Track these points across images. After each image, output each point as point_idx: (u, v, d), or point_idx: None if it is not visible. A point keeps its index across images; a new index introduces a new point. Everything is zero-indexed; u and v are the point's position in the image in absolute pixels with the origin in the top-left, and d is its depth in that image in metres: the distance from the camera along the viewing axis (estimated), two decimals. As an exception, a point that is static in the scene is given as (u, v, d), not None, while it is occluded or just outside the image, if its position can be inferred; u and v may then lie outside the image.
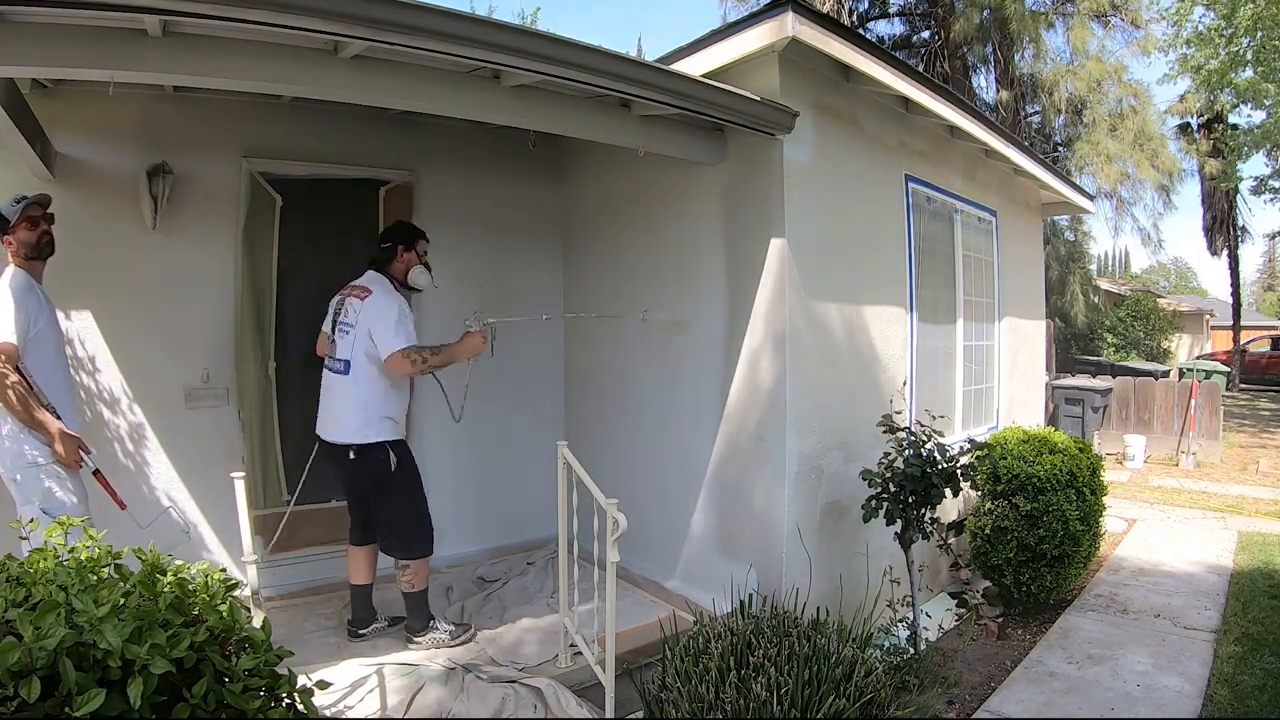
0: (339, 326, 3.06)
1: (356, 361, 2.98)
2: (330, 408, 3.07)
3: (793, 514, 3.26)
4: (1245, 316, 19.78)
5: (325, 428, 3.07)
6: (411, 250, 3.17)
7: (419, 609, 3.08)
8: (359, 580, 3.19)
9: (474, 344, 3.07)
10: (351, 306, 3.03)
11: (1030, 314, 6.12)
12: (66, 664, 1.14)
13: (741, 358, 3.44)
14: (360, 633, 3.16)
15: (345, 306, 3.06)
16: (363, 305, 2.98)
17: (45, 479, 2.43)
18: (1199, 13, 10.33)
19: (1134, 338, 18.01)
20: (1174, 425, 8.84)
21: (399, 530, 3.07)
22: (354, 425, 2.96)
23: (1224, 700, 3.05)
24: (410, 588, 3.05)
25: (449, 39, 2.22)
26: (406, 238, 3.18)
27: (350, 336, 2.99)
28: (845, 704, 2.17)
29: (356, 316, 2.98)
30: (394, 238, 3.18)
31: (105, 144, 3.30)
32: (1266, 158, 14.41)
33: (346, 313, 3.04)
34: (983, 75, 14.53)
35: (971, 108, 4.37)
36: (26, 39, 1.94)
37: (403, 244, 3.16)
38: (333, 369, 3.07)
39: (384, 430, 2.99)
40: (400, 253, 3.15)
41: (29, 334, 2.43)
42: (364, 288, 3.05)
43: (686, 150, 3.38)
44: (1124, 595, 4.31)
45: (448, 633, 3.09)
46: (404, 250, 3.15)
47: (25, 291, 2.46)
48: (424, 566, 3.08)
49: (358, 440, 2.95)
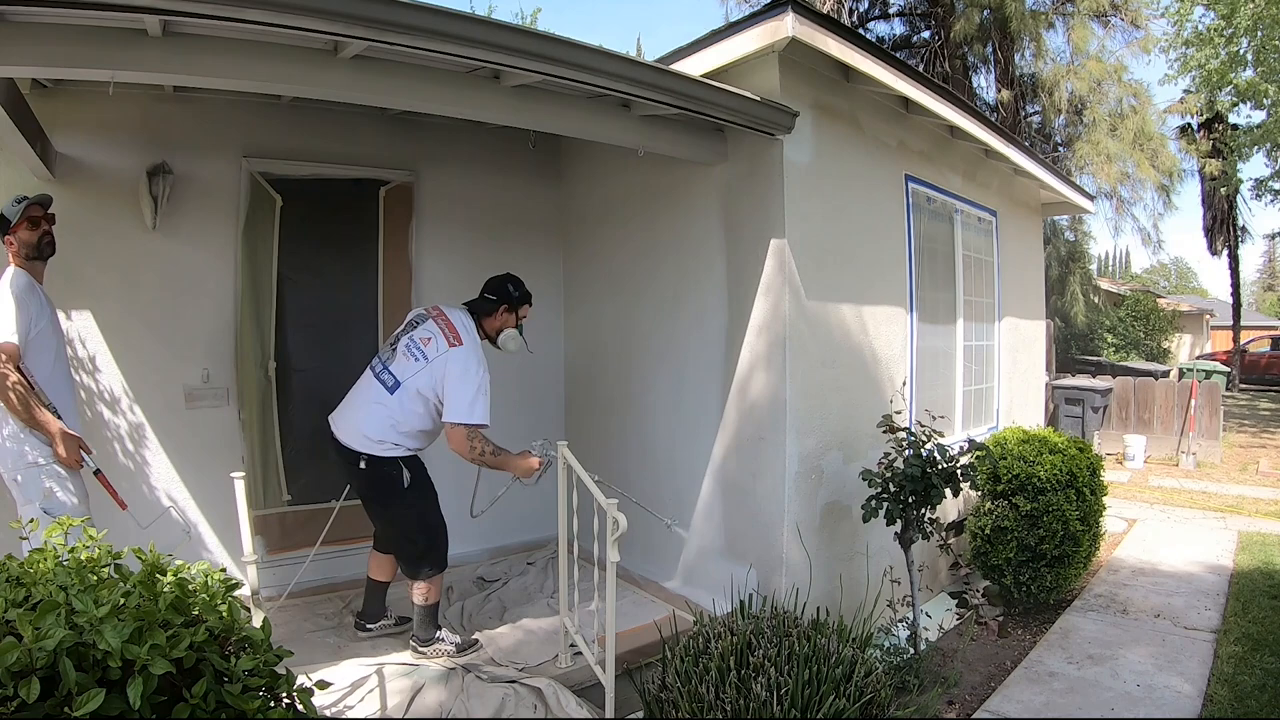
0: (410, 345, 2.88)
1: (408, 391, 2.82)
2: (355, 410, 2.90)
3: (793, 514, 3.26)
4: (1245, 316, 19.80)
5: (342, 426, 2.90)
6: (513, 313, 3.03)
7: (428, 621, 2.98)
8: (377, 576, 3.12)
9: (529, 466, 2.90)
10: (436, 342, 2.84)
11: (1030, 314, 6.12)
12: (66, 664, 1.14)
13: (741, 357, 3.44)
14: (368, 626, 3.10)
15: (429, 335, 2.87)
16: (448, 352, 2.81)
17: (46, 480, 2.43)
18: (1199, 12, 10.33)
19: (1134, 338, 18.02)
20: (1174, 425, 8.84)
21: (405, 549, 2.96)
22: (373, 438, 2.83)
23: (1224, 700, 3.05)
24: (423, 600, 2.95)
25: (449, 39, 2.22)
26: (514, 299, 3.02)
27: (418, 366, 2.83)
28: (845, 704, 2.17)
29: (437, 356, 2.82)
30: (501, 294, 3.01)
31: (105, 144, 3.30)
32: (1266, 158, 14.40)
33: (429, 342, 2.85)
34: (983, 75, 14.54)
35: (971, 108, 4.37)
36: (26, 39, 1.94)
37: (507, 304, 3.01)
38: (379, 376, 2.89)
39: (400, 450, 2.87)
40: (501, 311, 3.01)
41: (30, 334, 2.43)
42: (456, 331, 2.87)
43: (686, 150, 3.38)
44: (1124, 595, 4.31)
45: (454, 645, 2.99)
46: (505, 310, 3.01)
47: (27, 292, 2.46)
48: (437, 581, 2.97)
49: (371, 452, 2.82)
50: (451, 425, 2.77)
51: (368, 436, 2.82)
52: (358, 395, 2.95)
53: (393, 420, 2.83)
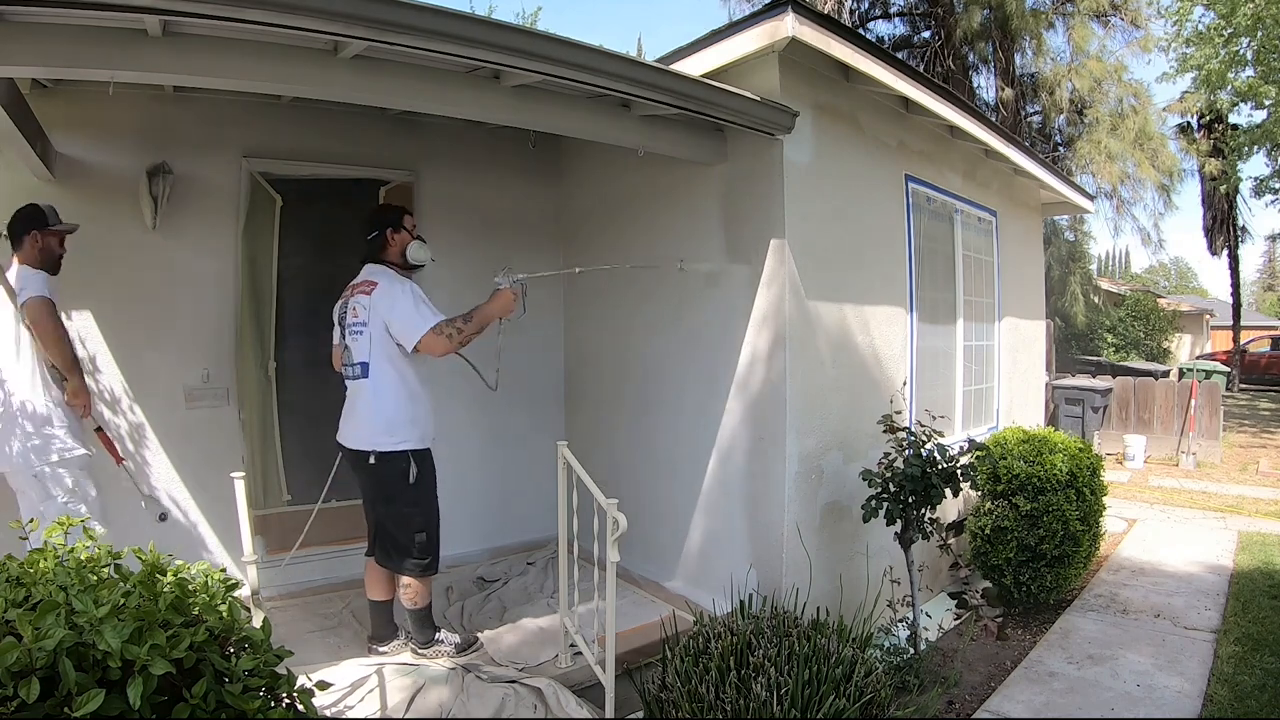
0: (350, 330, 2.88)
1: (376, 363, 2.80)
2: (352, 414, 2.89)
3: (793, 514, 3.26)
4: (1245, 316, 19.78)
5: (346, 434, 2.90)
6: (400, 230, 2.98)
7: (423, 623, 2.94)
8: (377, 596, 3.00)
9: (505, 300, 2.87)
10: (359, 304, 2.85)
11: (1030, 314, 6.12)
12: (66, 664, 1.14)
13: (741, 358, 3.44)
14: (380, 650, 2.98)
15: (352, 307, 2.88)
16: (371, 300, 2.80)
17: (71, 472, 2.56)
18: (1199, 12, 10.33)
19: (1134, 338, 18.03)
20: (1174, 425, 8.84)
21: (406, 547, 2.86)
22: (377, 430, 2.79)
23: (1224, 700, 3.05)
24: (412, 605, 2.89)
25: (449, 39, 2.22)
26: (391, 219, 3.00)
27: (364, 336, 2.81)
28: (845, 704, 2.17)
29: (367, 313, 2.80)
30: (379, 223, 2.98)
31: (105, 144, 3.29)
32: (1266, 158, 14.40)
33: (355, 312, 2.86)
34: (983, 75, 14.53)
35: (971, 107, 4.37)
36: (26, 39, 1.93)
37: (390, 226, 2.97)
38: (351, 375, 2.89)
39: (409, 438, 2.81)
40: (390, 235, 2.96)
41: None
42: (367, 281, 2.88)
43: (686, 150, 3.38)
44: (1124, 595, 4.31)
45: (454, 645, 2.95)
46: (393, 232, 2.97)
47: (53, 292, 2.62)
48: (428, 583, 2.92)
49: (379, 447, 2.78)
50: (420, 340, 2.72)
51: (373, 430, 2.80)
52: (349, 402, 2.96)
53: (385, 403, 2.80)
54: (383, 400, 2.81)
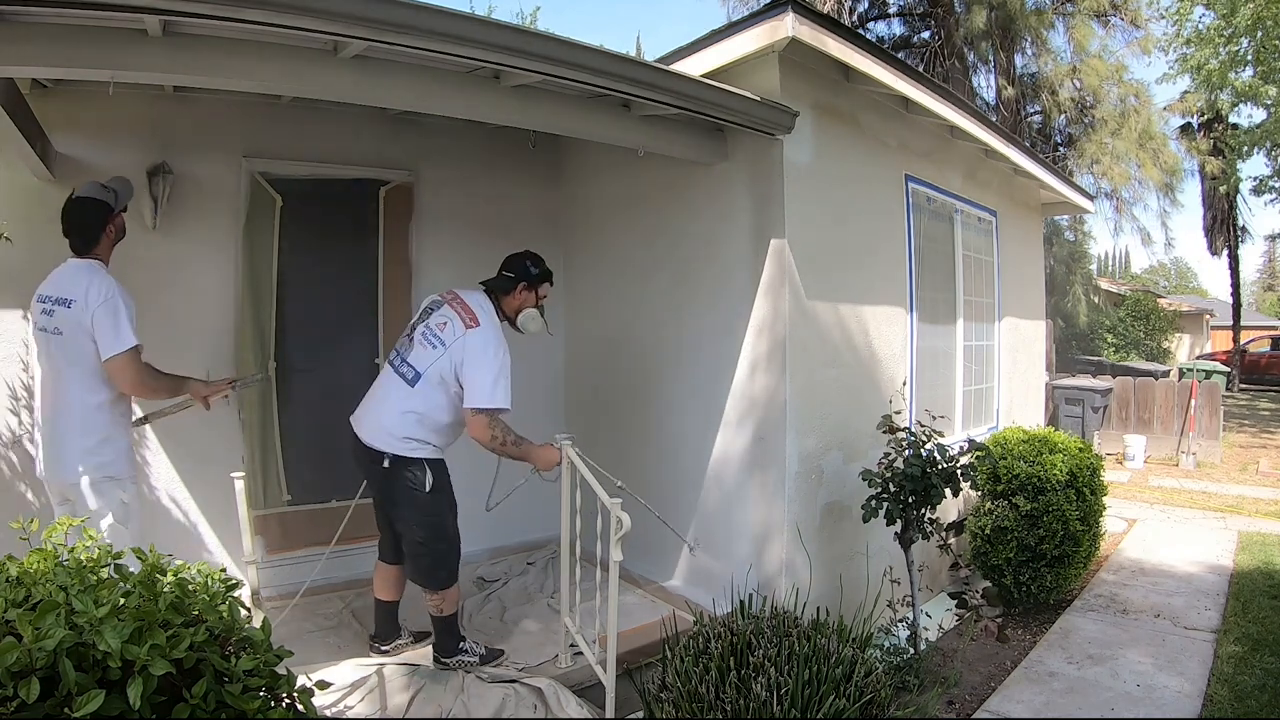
0: (427, 333, 2.77)
1: (429, 381, 2.71)
2: (378, 407, 2.78)
3: (793, 514, 3.26)
4: (1245, 316, 19.79)
5: (363, 424, 2.78)
6: (533, 291, 2.90)
7: (449, 631, 2.85)
8: (385, 596, 2.98)
9: (550, 458, 2.79)
10: (452, 325, 2.73)
11: (1030, 314, 6.12)
12: (66, 664, 1.14)
13: (741, 357, 3.44)
14: (383, 648, 2.97)
15: (445, 319, 2.76)
16: (465, 335, 2.69)
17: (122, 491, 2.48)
18: (1199, 12, 10.32)
19: (1134, 338, 18.03)
20: (1174, 425, 8.84)
21: (420, 557, 2.80)
22: (397, 436, 2.70)
23: (1224, 700, 3.05)
24: (439, 612, 2.82)
25: (449, 39, 2.22)
26: (533, 277, 2.89)
27: (436, 354, 2.71)
28: (845, 704, 2.17)
29: (454, 340, 2.70)
30: (519, 272, 2.88)
31: (105, 144, 3.29)
32: (1266, 157, 14.40)
33: (445, 327, 2.74)
34: (983, 75, 14.54)
35: (972, 108, 4.37)
36: (26, 39, 1.93)
37: (526, 282, 2.88)
38: (399, 370, 2.78)
39: (426, 450, 2.74)
40: (520, 290, 2.87)
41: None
42: (473, 313, 2.75)
43: (686, 150, 3.38)
44: (1124, 595, 4.31)
45: (478, 656, 2.87)
46: (525, 289, 2.88)
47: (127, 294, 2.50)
48: (453, 592, 2.84)
49: (396, 452, 2.69)
50: (473, 411, 2.63)
51: (392, 434, 2.70)
52: (379, 391, 2.84)
53: (417, 415, 2.71)
54: (418, 411, 2.72)
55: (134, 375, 2.46)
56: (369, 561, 3.84)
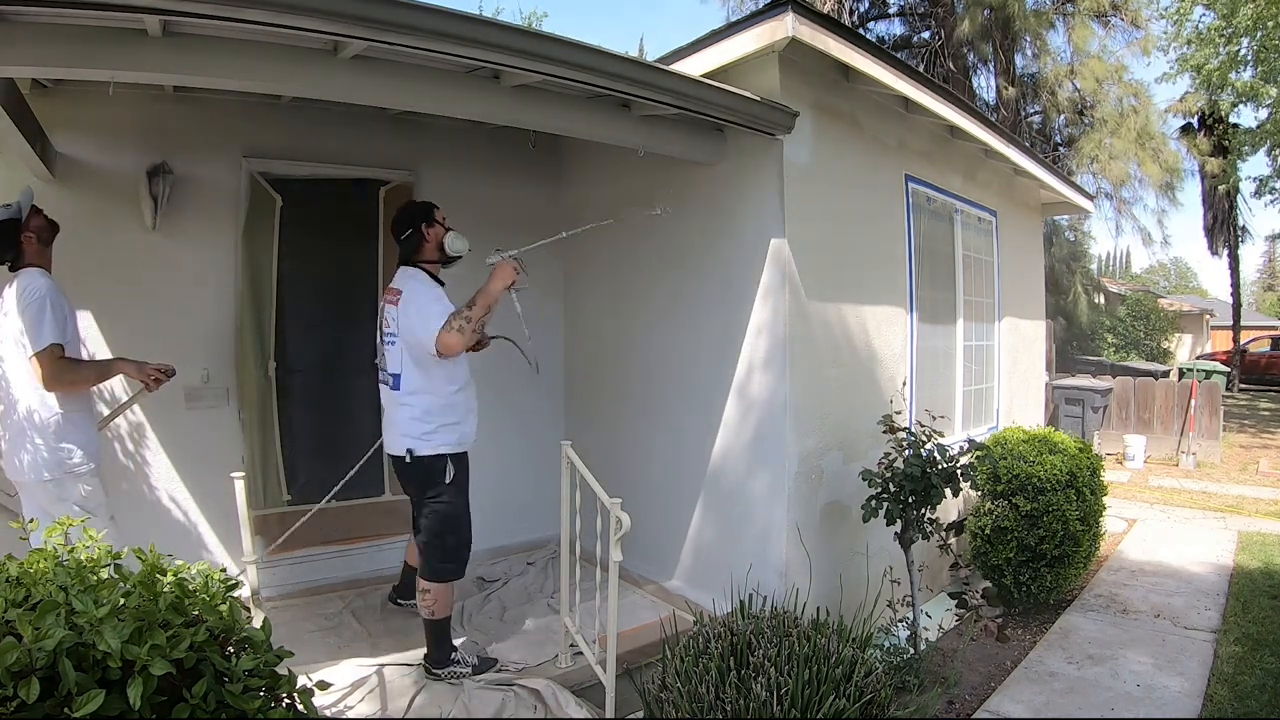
0: (384, 339, 2.89)
1: (407, 373, 2.80)
2: (388, 421, 2.92)
3: (793, 514, 3.26)
4: (1245, 316, 19.77)
5: (389, 440, 2.92)
6: (433, 224, 2.94)
7: (440, 638, 2.83)
8: (414, 562, 3.12)
9: (505, 273, 2.79)
10: (389, 315, 2.85)
11: (1030, 314, 6.12)
12: (66, 664, 1.14)
13: (741, 357, 3.44)
14: (399, 602, 3.22)
15: (385, 317, 2.89)
16: (398, 311, 2.79)
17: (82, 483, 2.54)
18: (1199, 12, 10.32)
19: (1134, 338, 18.03)
20: (1174, 425, 8.83)
21: (432, 545, 2.85)
22: (413, 435, 2.79)
23: (1224, 700, 3.05)
24: (430, 614, 2.80)
25: (449, 39, 2.22)
26: (422, 215, 2.95)
27: (396, 347, 2.81)
28: (845, 704, 2.17)
29: (395, 324, 2.80)
30: (411, 221, 2.94)
31: (105, 144, 3.29)
32: (1267, 157, 14.39)
33: (387, 323, 2.87)
34: (983, 75, 14.54)
35: (972, 108, 4.37)
36: (26, 39, 1.93)
37: (423, 222, 2.93)
38: (383, 381, 2.92)
39: (445, 441, 2.81)
40: (425, 231, 2.92)
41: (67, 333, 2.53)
42: (395, 290, 2.86)
43: (686, 150, 3.38)
44: (1124, 595, 4.31)
45: (471, 667, 2.83)
46: (426, 228, 2.92)
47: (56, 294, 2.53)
48: (447, 592, 2.84)
49: (414, 448, 2.78)
50: (435, 344, 2.65)
51: (407, 434, 2.81)
52: (383, 408, 2.97)
53: (421, 409, 2.79)
54: (412, 410, 2.80)
55: (49, 371, 2.47)
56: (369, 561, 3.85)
